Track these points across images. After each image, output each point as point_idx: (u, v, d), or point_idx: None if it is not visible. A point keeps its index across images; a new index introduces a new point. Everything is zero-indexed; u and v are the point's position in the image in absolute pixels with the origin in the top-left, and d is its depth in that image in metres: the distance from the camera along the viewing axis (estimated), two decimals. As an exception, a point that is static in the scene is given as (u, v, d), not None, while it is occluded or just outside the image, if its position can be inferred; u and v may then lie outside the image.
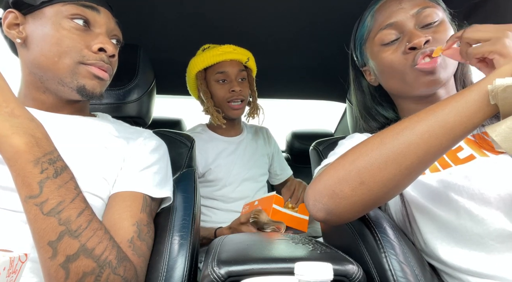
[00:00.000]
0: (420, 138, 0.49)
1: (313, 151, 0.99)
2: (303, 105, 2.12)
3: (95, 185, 0.66)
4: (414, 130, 0.50)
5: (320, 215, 0.57)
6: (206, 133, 1.39)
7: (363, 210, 0.56)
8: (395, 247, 0.59)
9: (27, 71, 0.71)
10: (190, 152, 0.93)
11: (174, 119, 2.07)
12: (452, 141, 0.49)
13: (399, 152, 0.50)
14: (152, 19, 1.19)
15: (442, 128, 0.48)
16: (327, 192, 0.55)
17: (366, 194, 0.52)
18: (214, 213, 1.32)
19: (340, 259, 0.58)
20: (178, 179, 0.85)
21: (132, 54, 0.95)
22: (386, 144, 0.51)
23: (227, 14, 1.18)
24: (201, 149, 1.31)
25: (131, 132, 0.78)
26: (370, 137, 0.55)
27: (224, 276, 0.53)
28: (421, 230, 0.64)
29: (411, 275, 0.56)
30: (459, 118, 0.48)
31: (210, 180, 1.31)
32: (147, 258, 0.64)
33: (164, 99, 1.87)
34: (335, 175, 0.54)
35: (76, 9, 0.68)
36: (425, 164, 0.51)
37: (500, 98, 0.44)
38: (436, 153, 0.50)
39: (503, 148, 0.44)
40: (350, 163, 0.54)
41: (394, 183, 0.52)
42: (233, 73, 1.30)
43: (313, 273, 0.35)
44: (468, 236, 0.57)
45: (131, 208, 0.66)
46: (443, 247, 0.61)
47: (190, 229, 0.71)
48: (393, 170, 0.51)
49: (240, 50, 1.31)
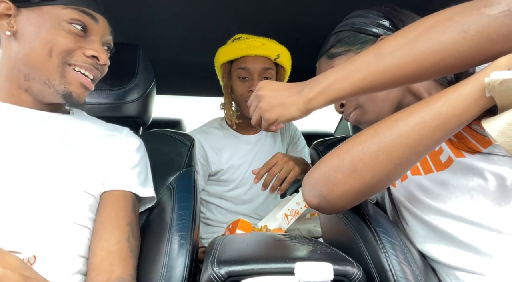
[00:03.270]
0: (412, 129, 0.50)
1: (313, 151, 0.99)
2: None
3: (87, 182, 0.67)
4: (406, 121, 0.50)
5: (314, 201, 0.58)
6: (222, 129, 1.32)
7: (356, 198, 0.57)
8: (395, 247, 0.59)
9: (10, 66, 0.68)
10: (190, 152, 0.93)
11: (174, 119, 2.07)
12: (445, 134, 0.49)
13: (390, 141, 0.51)
14: (152, 19, 1.19)
15: (435, 120, 0.48)
16: (322, 178, 0.56)
17: (358, 182, 0.54)
18: (222, 214, 1.29)
19: (340, 259, 0.58)
20: (178, 178, 0.85)
21: (132, 54, 0.95)
22: (379, 134, 0.52)
23: (226, 14, 1.18)
24: (216, 146, 1.26)
25: (111, 129, 0.79)
26: (366, 129, 0.56)
27: (224, 276, 0.53)
28: (412, 230, 0.65)
29: (411, 275, 0.56)
30: (452, 111, 0.48)
31: (223, 180, 1.27)
32: (137, 258, 0.67)
33: (164, 99, 1.87)
34: (330, 163, 0.56)
35: (77, 14, 0.68)
36: (417, 155, 0.51)
37: (497, 91, 0.44)
38: (429, 145, 0.50)
39: (499, 143, 0.43)
40: (345, 152, 0.55)
41: (385, 172, 0.52)
42: (256, 71, 1.19)
43: (313, 273, 0.35)
44: (455, 237, 0.58)
45: (125, 207, 0.68)
46: (433, 246, 0.61)
47: (190, 229, 0.71)
48: (384, 160, 0.51)
49: (270, 45, 1.18)
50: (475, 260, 0.56)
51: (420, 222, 0.64)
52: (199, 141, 1.23)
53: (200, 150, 1.24)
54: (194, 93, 1.84)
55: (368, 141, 0.53)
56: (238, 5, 1.12)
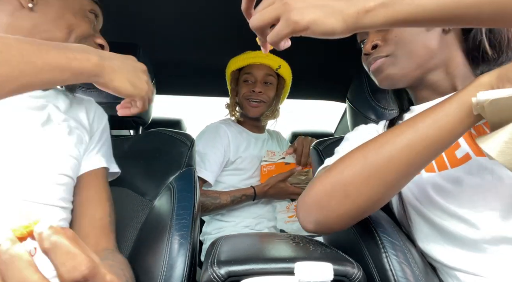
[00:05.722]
0: (401, 153, 0.49)
1: (313, 151, 0.99)
2: (303, 105, 2.12)
3: (66, 165, 0.67)
4: (395, 144, 0.50)
5: (310, 226, 0.58)
6: (236, 126, 1.46)
7: (352, 221, 0.57)
8: (396, 247, 0.59)
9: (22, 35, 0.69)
10: (190, 151, 0.92)
11: (174, 119, 2.07)
12: (435, 154, 0.49)
13: (381, 165, 0.50)
14: (152, 18, 1.19)
15: (422, 142, 0.48)
16: (315, 204, 0.56)
17: (352, 206, 0.53)
18: None
19: (340, 259, 0.58)
20: (178, 178, 0.85)
21: (131, 54, 0.94)
22: (368, 158, 0.52)
23: (226, 14, 1.18)
24: (233, 137, 1.38)
25: (83, 102, 0.79)
26: (354, 150, 0.55)
27: (224, 276, 0.53)
28: (417, 229, 0.65)
29: (411, 275, 0.56)
30: (439, 132, 0.47)
31: (240, 168, 1.37)
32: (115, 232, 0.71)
33: (164, 99, 1.87)
34: (322, 189, 0.55)
35: (94, 5, 0.76)
36: (408, 177, 0.52)
37: (487, 111, 0.43)
38: (420, 166, 0.50)
39: (500, 162, 0.43)
40: (336, 177, 0.54)
41: (378, 196, 0.52)
42: (259, 75, 1.39)
43: (313, 273, 0.35)
44: (461, 238, 0.57)
45: (103, 184, 0.72)
46: (436, 246, 0.61)
47: (190, 229, 0.71)
48: (376, 184, 0.51)
49: (273, 57, 1.39)
50: (479, 262, 0.55)
51: (426, 221, 0.63)
52: (224, 128, 1.39)
53: (225, 136, 1.37)
54: (194, 93, 1.84)
55: (358, 165, 0.52)
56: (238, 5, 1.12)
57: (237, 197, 1.27)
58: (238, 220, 1.31)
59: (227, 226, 1.30)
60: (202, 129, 1.43)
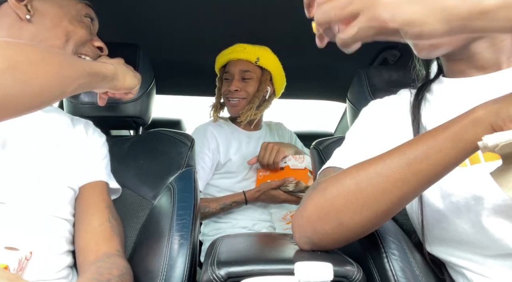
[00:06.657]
0: (394, 186, 0.49)
1: (313, 150, 0.99)
2: (303, 105, 2.12)
3: (71, 177, 0.70)
4: (388, 178, 0.49)
5: (307, 247, 0.59)
6: (228, 125, 1.41)
7: (347, 242, 0.57)
8: (396, 247, 0.59)
9: None
10: (190, 151, 0.92)
11: (174, 119, 2.07)
12: (427, 186, 0.49)
13: (373, 197, 0.50)
14: (152, 19, 1.19)
15: (415, 176, 0.47)
16: (310, 228, 0.56)
17: (346, 233, 0.54)
18: None
19: (340, 260, 0.58)
20: (178, 178, 0.85)
21: (131, 54, 0.95)
22: (361, 188, 0.51)
23: (226, 14, 1.18)
24: (225, 138, 1.34)
25: (75, 120, 0.80)
26: (346, 175, 0.53)
27: (224, 277, 0.53)
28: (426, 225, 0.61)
29: (411, 276, 0.56)
30: (433, 168, 0.46)
31: (232, 171, 1.33)
32: (123, 237, 0.72)
33: (164, 99, 1.87)
34: (316, 213, 0.55)
35: (88, 9, 0.77)
36: (401, 206, 0.51)
37: (497, 153, 0.40)
38: (412, 197, 0.50)
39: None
40: (328, 202, 0.53)
41: (372, 224, 0.53)
42: (235, 72, 1.32)
43: (313, 274, 0.35)
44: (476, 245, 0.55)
45: (102, 193, 0.74)
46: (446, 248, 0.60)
47: (190, 229, 0.71)
48: (369, 214, 0.51)
49: (251, 49, 1.30)
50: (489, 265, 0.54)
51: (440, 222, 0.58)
52: (212, 131, 1.33)
53: (212, 139, 1.32)
54: (194, 93, 1.84)
55: (350, 194, 0.51)
56: (238, 5, 1.12)
57: (227, 204, 1.25)
58: (235, 221, 1.30)
59: (224, 227, 1.30)
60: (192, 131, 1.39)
